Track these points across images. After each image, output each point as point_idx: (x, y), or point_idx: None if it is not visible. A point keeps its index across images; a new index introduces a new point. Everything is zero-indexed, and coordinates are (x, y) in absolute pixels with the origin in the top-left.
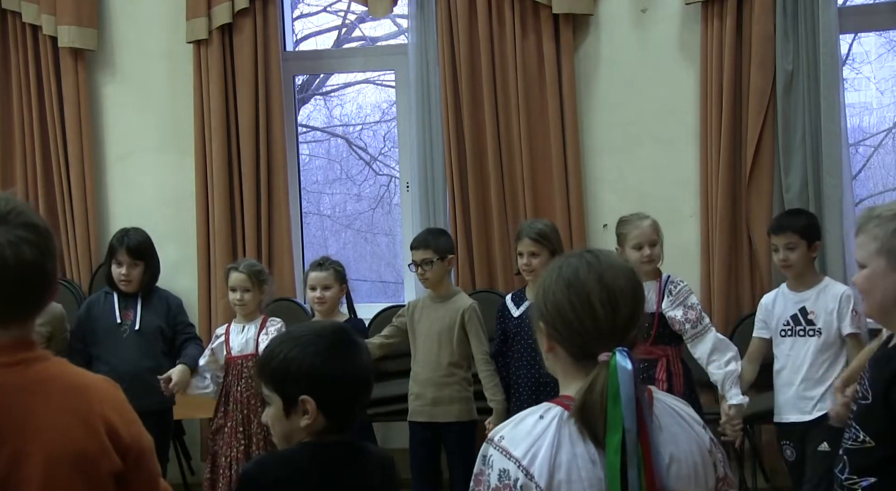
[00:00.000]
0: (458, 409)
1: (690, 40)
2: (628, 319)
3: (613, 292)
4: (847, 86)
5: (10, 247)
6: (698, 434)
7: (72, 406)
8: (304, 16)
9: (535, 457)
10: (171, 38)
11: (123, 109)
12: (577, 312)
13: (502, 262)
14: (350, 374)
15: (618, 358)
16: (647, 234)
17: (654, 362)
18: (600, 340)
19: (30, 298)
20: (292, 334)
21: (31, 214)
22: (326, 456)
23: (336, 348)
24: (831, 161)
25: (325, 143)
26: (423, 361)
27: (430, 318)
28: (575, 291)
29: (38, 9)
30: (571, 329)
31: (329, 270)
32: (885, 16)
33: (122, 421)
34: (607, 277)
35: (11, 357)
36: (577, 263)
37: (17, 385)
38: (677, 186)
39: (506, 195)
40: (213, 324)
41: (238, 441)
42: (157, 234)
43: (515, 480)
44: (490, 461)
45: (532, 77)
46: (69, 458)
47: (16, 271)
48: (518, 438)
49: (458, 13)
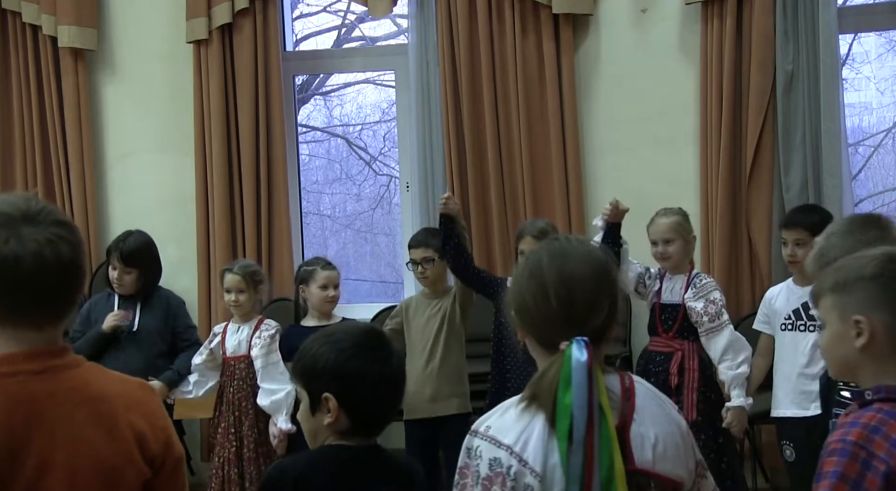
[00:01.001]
0: (456, 402)
1: (690, 40)
2: (586, 307)
3: (569, 281)
4: (847, 86)
5: (48, 245)
6: (676, 418)
7: (100, 417)
8: (304, 16)
9: (528, 443)
10: (171, 38)
11: (123, 109)
12: (536, 301)
13: (502, 262)
14: (374, 373)
15: (573, 347)
16: (660, 231)
17: (670, 356)
18: (559, 329)
19: (67, 296)
20: (326, 332)
21: (58, 212)
22: (346, 458)
23: (362, 348)
24: (831, 161)
25: (325, 143)
26: (419, 358)
27: (425, 314)
28: (535, 281)
29: (38, 9)
30: (533, 318)
31: (334, 270)
32: (885, 16)
33: (151, 429)
34: (567, 266)
35: (42, 364)
36: (541, 251)
37: (46, 394)
38: (677, 186)
39: (506, 195)
40: (213, 324)
41: (230, 442)
42: (157, 234)
43: (509, 467)
44: (478, 452)
45: (532, 77)
46: (95, 470)
47: (56, 270)
48: (506, 426)
49: (458, 13)
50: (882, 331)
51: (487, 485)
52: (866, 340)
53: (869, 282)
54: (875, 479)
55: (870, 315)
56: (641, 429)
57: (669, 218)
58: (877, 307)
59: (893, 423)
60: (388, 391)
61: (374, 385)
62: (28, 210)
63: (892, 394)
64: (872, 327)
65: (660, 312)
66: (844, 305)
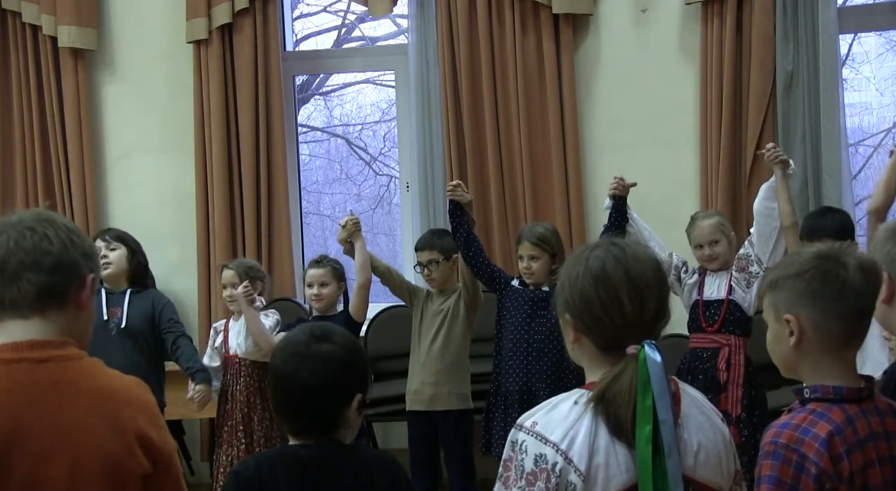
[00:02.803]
0: (456, 398)
1: (690, 40)
2: (655, 312)
3: (640, 287)
4: (847, 86)
5: (31, 234)
6: (720, 426)
7: (102, 409)
8: (304, 16)
9: (574, 441)
10: (171, 38)
11: (123, 109)
12: (605, 307)
13: (502, 261)
14: (289, 376)
15: (647, 351)
16: (705, 234)
17: (717, 351)
18: (628, 334)
19: (43, 287)
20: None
21: (67, 221)
22: (299, 457)
23: (290, 351)
24: (831, 161)
25: (325, 143)
26: (423, 351)
27: (433, 310)
28: (603, 286)
29: (38, 9)
30: (600, 323)
31: (326, 267)
32: (885, 16)
33: (152, 425)
34: (634, 271)
35: (45, 353)
36: (603, 256)
37: (48, 382)
38: (677, 186)
39: (506, 195)
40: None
41: (238, 440)
42: (157, 234)
43: (554, 464)
44: (523, 447)
45: (532, 77)
46: (97, 461)
47: (33, 256)
48: (553, 423)
49: (458, 13)
50: (811, 328)
51: (532, 480)
52: (797, 339)
53: (795, 279)
54: (808, 480)
55: (797, 313)
56: (685, 435)
57: (711, 219)
58: (803, 305)
59: (823, 423)
60: (299, 395)
61: (288, 388)
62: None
63: (827, 394)
64: (801, 326)
65: (703, 308)
66: (777, 304)
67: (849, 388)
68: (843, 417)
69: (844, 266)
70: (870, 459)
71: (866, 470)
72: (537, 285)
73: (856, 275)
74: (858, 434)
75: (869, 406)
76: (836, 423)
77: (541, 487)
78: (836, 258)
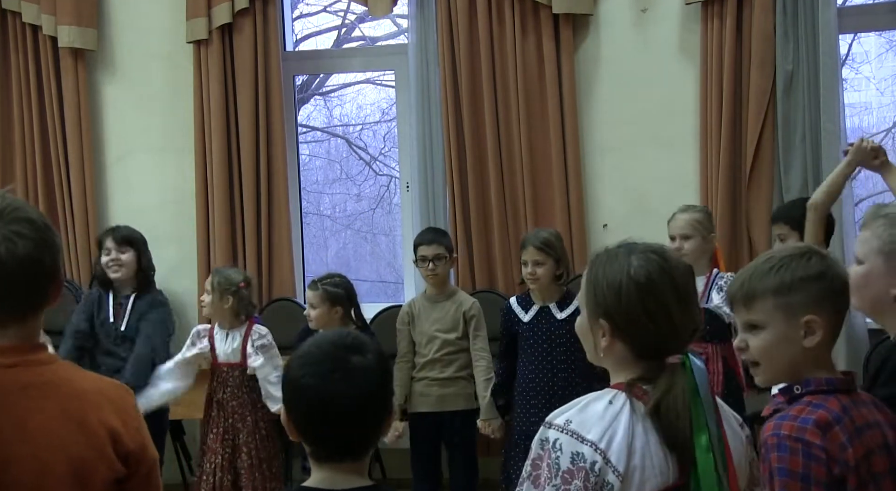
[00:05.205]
0: (462, 400)
1: (690, 40)
2: (697, 318)
3: (687, 294)
4: (847, 86)
5: (3, 242)
6: (739, 431)
7: (70, 411)
8: (304, 16)
9: (612, 441)
10: (171, 38)
11: (123, 109)
12: (651, 316)
13: (502, 262)
14: (314, 389)
15: (692, 359)
16: (677, 226)
17: None
18: (671, 340)
19: (28, 295)
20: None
21: (27, 210)
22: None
23: (317, 363)
24: (831, 161)
25: (325, 143)
26: (427, 362)
27: (431, 318)
28: (650, 295)
29: (38, 9)
30: (645, 331)
31: (317, 290)
32: (885, 16)
33: (125, 427)
34: (679, 280)
35: (13, 358)
36: (646, 263)
37: (16, 386)
38: (677, 186)
39: (506, 195)
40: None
41: (223, 449)
42: (157, 234)
43: (593, 463)
44: (557, 445)
45: (532, 77)
46: (63, 464)
47: (10, 267)
48: (589, 422)
49: (458, 13)
50: (827, 329)
51: (568, 478)
52: (820, 339)
53: (814, 281)
54: (820, 467)
55: (818, 313)
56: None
57: (688, 214)
58: (824, 305)
59: (822, 412)
60: (329, 414)
61: (316, 405)
62: None
63: (821, 386)
64: (823, 326)
65: None
66: (792, 306)
67: (838, 378)
68: (840, 407)
69: (835, 263)
70: (869, 447)
71: (869, 457)
72: (541, 295)
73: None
74: (856, 423)
75: (856, 398)
76: (834, 412)
77: (578, 486)
78: (825, 256)
